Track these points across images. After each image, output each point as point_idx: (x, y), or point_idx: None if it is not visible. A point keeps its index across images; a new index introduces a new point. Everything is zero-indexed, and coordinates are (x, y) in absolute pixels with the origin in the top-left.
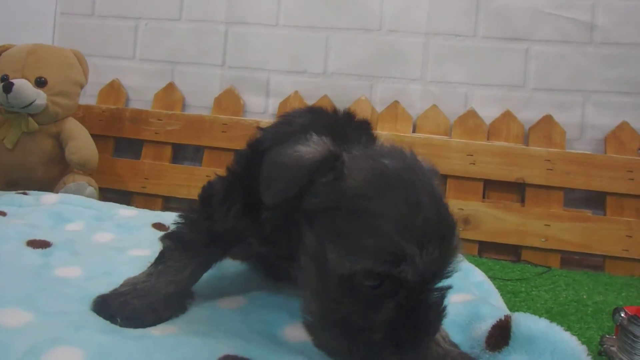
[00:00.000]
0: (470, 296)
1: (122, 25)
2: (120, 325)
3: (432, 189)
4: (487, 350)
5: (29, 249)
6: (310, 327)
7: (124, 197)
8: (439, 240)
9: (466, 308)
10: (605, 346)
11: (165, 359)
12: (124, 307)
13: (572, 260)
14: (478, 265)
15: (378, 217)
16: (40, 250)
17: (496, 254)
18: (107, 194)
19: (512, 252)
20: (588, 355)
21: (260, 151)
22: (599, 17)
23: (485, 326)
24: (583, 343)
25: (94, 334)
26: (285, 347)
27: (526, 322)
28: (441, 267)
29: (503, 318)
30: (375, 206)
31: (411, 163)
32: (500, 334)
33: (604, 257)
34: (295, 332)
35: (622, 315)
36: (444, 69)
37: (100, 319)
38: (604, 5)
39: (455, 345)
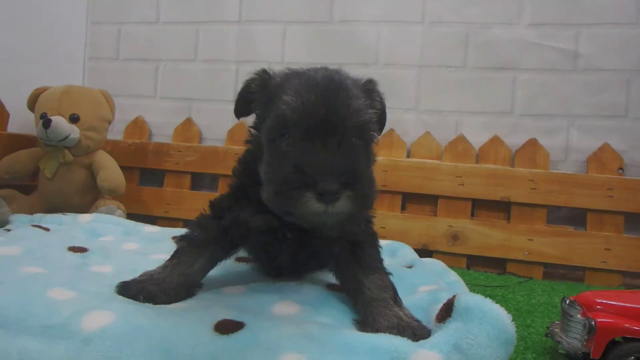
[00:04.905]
0: (435, 287)
1: (144, 67)
2: (142, 302)
3: (333, 81)
4: (437, 323)
5: (70, 253)
6: (266, 198)
7: (149, 222)
8: (321, 95)
9: (428, 295)
10: (550, 329)
11: (175, 319)
12: (141, 291)
13: (555, 273)
14: (464, 276)
15: (285, 91)
16: (79, 253)
17: (483, 267)
18: (134, 219)
19: (499, 265)
20: (512, 321)
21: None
22: (582, 46)
23: (439, 306)
24: (543, 334)
25: (122, 304)
26: (273, 317)
27: (465, 298)
28: (332, 111)
29: (451, 297)
30: (285, 86)
31: (330, 71)
32: (446, 310)
33: (584, 269)
34: (283, 308)
35: (567, 302)
36: (436, 99)
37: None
38: (586, 34)
39: (416, 320)
